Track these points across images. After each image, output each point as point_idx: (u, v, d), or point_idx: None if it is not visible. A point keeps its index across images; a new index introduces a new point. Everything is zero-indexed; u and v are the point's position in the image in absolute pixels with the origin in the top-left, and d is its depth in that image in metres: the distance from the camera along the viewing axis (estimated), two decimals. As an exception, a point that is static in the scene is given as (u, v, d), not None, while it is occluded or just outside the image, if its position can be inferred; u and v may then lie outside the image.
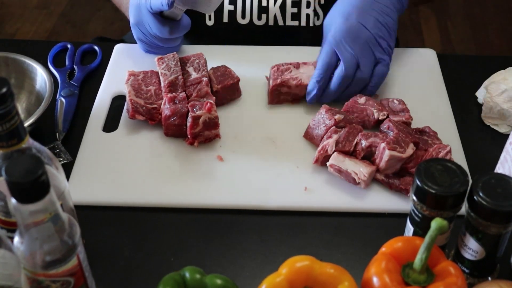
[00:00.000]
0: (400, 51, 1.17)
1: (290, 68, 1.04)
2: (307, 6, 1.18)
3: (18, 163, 0.59)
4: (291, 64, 1.05)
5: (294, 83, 1.03)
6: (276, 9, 1.17)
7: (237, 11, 1.18)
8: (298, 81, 1.02)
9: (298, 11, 1.17)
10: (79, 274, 0.69)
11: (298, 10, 1.17)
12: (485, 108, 1.04)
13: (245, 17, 1.18)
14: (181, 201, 0.91)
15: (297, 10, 1.17)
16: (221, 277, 0.73)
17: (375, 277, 0.70)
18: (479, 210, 0.72)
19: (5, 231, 0.71)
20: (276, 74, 1.04)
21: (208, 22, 1.20)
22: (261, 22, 1.18)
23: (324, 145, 0.93)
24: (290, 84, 1.03)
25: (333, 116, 0.96)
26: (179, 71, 1.04)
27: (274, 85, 1.03)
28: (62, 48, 1.18)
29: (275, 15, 1.18)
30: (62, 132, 1.00)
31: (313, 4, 1.18)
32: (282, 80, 1.02)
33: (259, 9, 1.18)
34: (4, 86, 0.62)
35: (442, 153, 0.91)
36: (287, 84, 1.03)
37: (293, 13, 1.18)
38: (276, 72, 1.04)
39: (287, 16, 1.18)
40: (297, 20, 1.19)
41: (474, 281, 0.79)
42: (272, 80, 1.03)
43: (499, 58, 1.22)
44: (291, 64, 1.05)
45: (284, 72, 1.04)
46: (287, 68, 1.04)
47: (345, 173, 0.90)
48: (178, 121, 0.97)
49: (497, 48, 2.61)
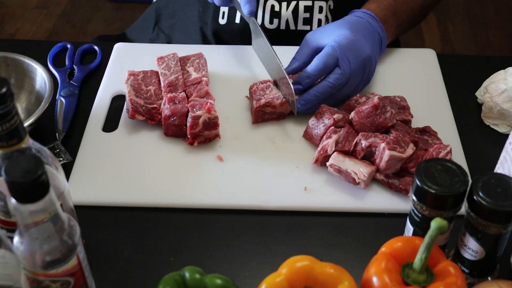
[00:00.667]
0: (400, 51, 1.17)
1: (270, 86, 1.02)
2: (320, 11, 1.18)
3: (18, 163, 0.59)
4: (269, 81, 1.03)
5: (278, 102, 1.00)
6: (289, 14, 1.17)
7: None
8: (283, 100, 1.00)
9: (310, 16, 1.17)
10: (79, 274, 0.69)
11: (310, 15, 1.17)
12: (485, 108, 1.04)
13: (256, 20, 1.18)
14: (181, 201, 0.91)
15: (309, 15, 1.17)
16: (221, 277, 0.73)
17: (375, 277, 0.70)
18: (479, 210, 0.72)
19: (5, 231, 0.71)
20: (258, 93, 1.01)
21: (221, 20, 1.20)
22: (273, 26, 1.18)
23: (323, 145, 0.93)
24: (274, 103, 1.00)
25: (332, 116, 0.96)
26: (179, 71, 1.04)
27: (258, 106, 0.99)
28: (62, 48, 1.18)
29: (287, 20, 1.18)
30: (62, 132, 1.00)
31: (325, 10, 1.18)
32: (266, 100, 0.99)
33: (271, 14, 1.18)
34: (4, 86, 0.62)
35: (443, 153, 0.91)
36: (271, 104, 1.00)
37: (305, 18, 1.18)
38: (257, 91, 1.01)
39: (299, 20, 1.18)
40: (308, 25, 1.18)
41: (474, 281, 0.79)
42: (255, 101, 1.00)
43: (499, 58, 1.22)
44: (269, 81, 1.03)
45: (265, 90, 1.01)
46: (267, 86, 1.02)
47: (344, 173, 0.90)
48: (178, 121, 0.97)
49: (497, 48, 2.61)
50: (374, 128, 0.95)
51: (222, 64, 1.12)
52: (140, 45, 1.21)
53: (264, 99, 0.99)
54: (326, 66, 0.99)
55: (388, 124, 0.95)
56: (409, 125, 0.99)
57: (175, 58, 1.06)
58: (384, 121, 0.94)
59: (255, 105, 0.99)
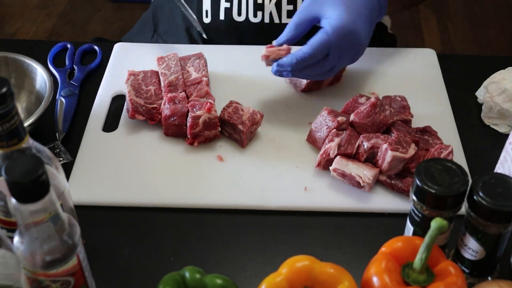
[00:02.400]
0: (400, 51, 1.17)
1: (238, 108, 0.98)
2: None
3: (18, 163, 0.59)
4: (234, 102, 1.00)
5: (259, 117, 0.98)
6: (272, 6, 1.17)
7: (233, 8, 1.18)
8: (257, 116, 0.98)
9: (293, 9, 1.17)
10: (79, 274, 0.69)
11: (293, 8, 1.16)
12: (485, 108, 1.04)
13: (241, 14, 1.17)
14: (181, 201, 0.91)
15: (292, 7, 1.16)
16: (221, 277, 0.73)
17: (375, 277, 0.70)
18: (479, 210, 0.72)
19: (5, 231, 0.71)
20: (235, 117, 0.97)
21: (205, 19, 1.20)
22: (257, 19, 1.18)
23: (326, 149, 0.92)
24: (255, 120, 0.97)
25: (335, 118, 0.95)
26: (179, 71, 1.04)
27: (245, 131, 0.96)
28: (62, 48, 1.18)
29: (271, 12, 1.17)
30: (62, 132, 1.00)
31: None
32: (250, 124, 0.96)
33: (255, 6, 1.17)
34: (4, 86, 0.62)
35: (444, 153, 0.91)
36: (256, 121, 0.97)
37: (289, 10, 1.17)
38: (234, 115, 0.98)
39: (283, 13, 1.18)
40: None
41: (474, 281, 0.79)
42: (241, 125, 0.96)
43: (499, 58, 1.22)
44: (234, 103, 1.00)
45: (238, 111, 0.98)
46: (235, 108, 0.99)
47: (349, 177, 0.90)
48: (178, 121, 0.97)
49: (497, 48, 2.61)
50: (376, 127, 0.94)
51: (222, 64, 1.12)
52: (140, 45, 1.21)
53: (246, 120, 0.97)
54: (315, 56, 0.95)
55: (389, 121, 0.95)
56: (409, 125, 0.99)
57: (175, 58, 1.06)
58: (385, 118, 0.94)
59: (243, 130, 0.96)
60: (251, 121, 0.96)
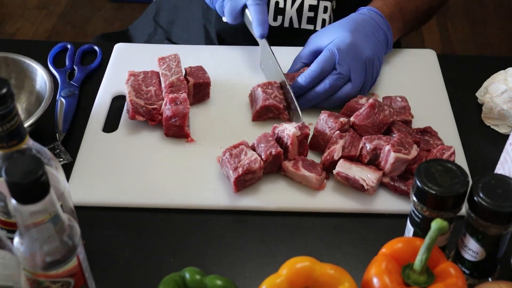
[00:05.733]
0: (400, 51, 1.17)
1: (244, 149, 0.92)
2: (324, 11, 1.17)
3: (18, 163, 0.59)
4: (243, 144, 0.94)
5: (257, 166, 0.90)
6: (293, 11, 1.17)
7: None
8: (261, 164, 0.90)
9: (314, 15, 1.17)
10: (79, 274, 0.69)
11: (314, 15, 1.17)
12: (485, 109, 1.04)
13: None
14: (181, 202, 0.91)
15: (313, 14, 1.17)
16: (221, 278, 0.73)
17: (375, 278, 0.70)
18: (479, 210, 0.72)
19: (5, 231, 0.71)
20: (232, 161, 0.90)
21: (225, 19, 1.20)
22: (277, 23, 1.18)
23: (330, 151, 0.92)
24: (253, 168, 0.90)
25: (337, 119, 0.95)
26: (180, 71, 1.04)
27: (237, 177, 0.89)
28: (62, 48, 1.18)
29: (291, 18, 1.18)
30: (62, 133, 1.00)
31: (330, 10, 1.18)
32: (243, 168, 0.89)
33: (275, 10, 1.18)
34: (4, 87, 0.62)
35: (447, 154, 0.90)
36: (250, 170, 0.90)
37: (310, 17, 1.17)
38: (230, 159, 0.91)
39: (303, 19, 1.18)
40: (312, 24, 1.18)
41: (475, 282, 0.79)
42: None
43: (499, 58, 1.23)
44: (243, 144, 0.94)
45: (239, 156, 0.91)
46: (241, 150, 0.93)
47: (352, 180, 0.90)
48: (179, 122, 0.97)
49: (497, 48, 2.61)
50: (376, 128, 0.94)
51: (224, 65, 1.12)
52: (141, 46, 1.21)
53: (241, 167, 0.90)
54: (323, 71, 1.00)
55: (389, 120, 0.95)
56: (410, 125, 0.99)
57: (176, 59, 1.06)
58: (384, 118, 0.94)
59: (233, 175, 0.90)
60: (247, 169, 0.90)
